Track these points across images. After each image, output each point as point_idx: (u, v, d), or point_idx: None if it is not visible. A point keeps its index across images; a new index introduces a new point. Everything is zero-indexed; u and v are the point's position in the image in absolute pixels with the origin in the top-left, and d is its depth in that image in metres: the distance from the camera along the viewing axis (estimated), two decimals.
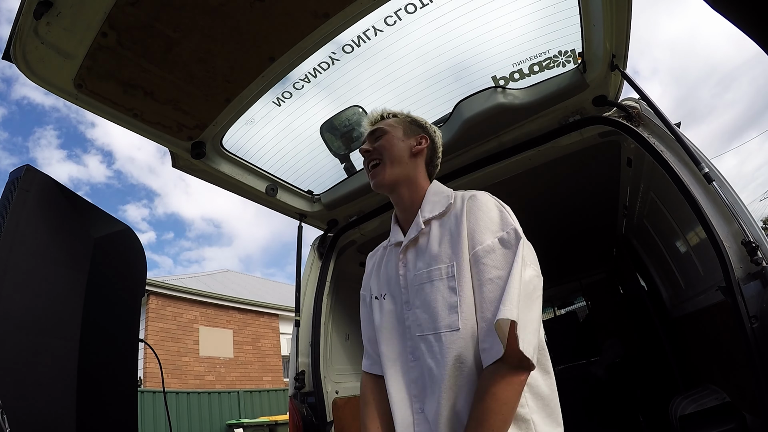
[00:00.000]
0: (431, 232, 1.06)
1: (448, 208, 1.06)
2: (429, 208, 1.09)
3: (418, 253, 1.07)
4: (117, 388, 1.63)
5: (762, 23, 0.53)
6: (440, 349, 0.94)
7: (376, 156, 1.14)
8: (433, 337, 0.96)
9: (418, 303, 1.01)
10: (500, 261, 0.93)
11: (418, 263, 1.05)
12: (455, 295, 0.95)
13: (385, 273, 1.15)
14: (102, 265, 1.56)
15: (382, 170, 1.12)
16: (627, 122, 1.85)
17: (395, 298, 1.09)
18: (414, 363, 1.01)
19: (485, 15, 1.67)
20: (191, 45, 1.50)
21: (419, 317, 1.00)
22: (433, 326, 0.97)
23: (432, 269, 1.00)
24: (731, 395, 2.14)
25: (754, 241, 1.36)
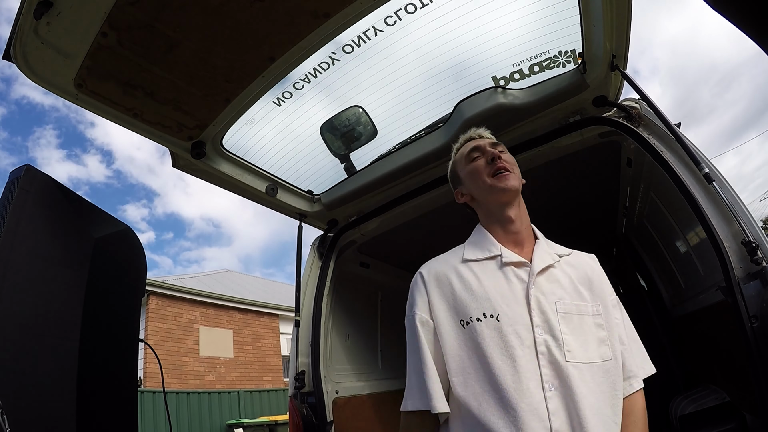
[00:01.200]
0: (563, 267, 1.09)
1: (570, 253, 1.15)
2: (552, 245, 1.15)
3: (551, 281, 1.04)
4: (117, 388, 1.63)
5: (762, 23, 0.53)
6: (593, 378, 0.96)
7: (508, 166, 1.14)
8: (585, 366, 0.96)
9: (567, 330, 0.98)
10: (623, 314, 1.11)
11: (558, 291, 1.03)
12: (603, 330, 1.02)
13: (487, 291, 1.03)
14: (102, 265, 1.56)
15: (514, 177, 1.13)
16: (627, 122, 1.85)
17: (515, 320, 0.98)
18: (553, 392, 0.93)
19: (485, 15, 1.67)
20: (191, 45, 1.50)
21: (570, 344, 0.96)
22: (586, 356, 0.97)
23: (580, 304, 1.03)
24: (731, 395, 2.14)
25: (754, 241, 1.36)
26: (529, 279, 1.02)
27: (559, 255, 1.11)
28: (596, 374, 0.96)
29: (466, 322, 1.01)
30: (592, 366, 0.96)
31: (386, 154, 2.30)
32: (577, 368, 0.94)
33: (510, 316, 0.98)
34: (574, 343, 0.97)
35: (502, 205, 1.13)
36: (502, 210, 1.13)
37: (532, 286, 1.01)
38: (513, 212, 1.13)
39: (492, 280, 1.04)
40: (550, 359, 0.95)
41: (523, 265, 1.05)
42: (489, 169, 1.13)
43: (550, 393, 0.93)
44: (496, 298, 1.01)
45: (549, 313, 0.99)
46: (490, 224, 1.16)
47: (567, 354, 0.95)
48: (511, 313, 0.99)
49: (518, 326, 0.97)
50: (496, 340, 0.97)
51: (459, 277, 1.07)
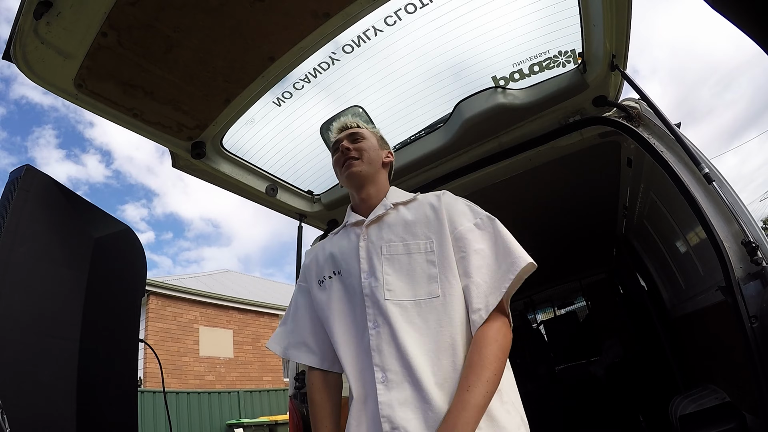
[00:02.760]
0: (399, 212, 1.16)
1: (413, 199, 1.20)
2: (394, 197, 1.22)
3: (383, 228, 1.14)
4: (117, 388, 1.63)
5: (761, 23, 0.53)
6: (419, 313, 1.01)
7: (356, 154, 1.22)
8: (410, 303, 1.02)
9: (390, 271, 1.05)
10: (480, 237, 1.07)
11: (387, 236, 1.11)
12: (435, 267, 1.04)
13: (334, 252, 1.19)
14: (102, 265, 1.56)
15: (359, 165, 1.21)
16: (627, 122, 1.85)
17: (350, 272, 1.12)
18: (375, 330, 1.02)
19: (485, 15, 1.67)
20: (191, 45, 1.50)
21: (391, 283, 1.04)
22: (412, 293, 1.03)
23: (409, 243, 1.08)
24: (731, 395, 2.14)
25: (754, 241, 1.37)
26: (361, 233, 1.15)
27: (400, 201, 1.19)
28: (423, 310, 1.01)
29: (320, 281, 1.19)
30: (418, 303, 1.02)
31: None
32: (398, 305, 1.02)
33: (347, 270, 1.13)
34: (396, 282, 1.04)
35: (354, 187, 1.24)
36: (355, 191, 1.24)
37: (363, 238, 1.14)
38: (363, 192, 1.23)
39: (339, 243, 1.21)
40: (373, 300, 1.04)
41: (360, 223, 1.19)
42: (340, 160, 1.24)
43: (373, 331, 1.02)
44: (338, 257, 1.17)
45: (374, 258, 1.09)
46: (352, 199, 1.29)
47: (387, 293, 1.03)
48: (347, 267, 1.13)
49: (352, 277, 1.11)
50: (340, 292, 1.13)
51: (322, 248, 1.26)
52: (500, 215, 1.17)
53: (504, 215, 3.45)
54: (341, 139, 1.28)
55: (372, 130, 1.32)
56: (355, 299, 1.09)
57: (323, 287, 1.18)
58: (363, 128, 1.30)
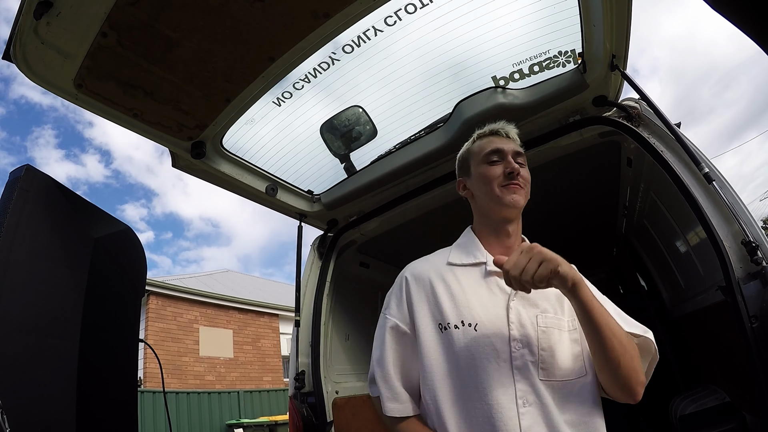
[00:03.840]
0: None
1: None
2: None
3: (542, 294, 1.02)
4: (117, 388, 1.63)
5: (761, 23, 0.53)
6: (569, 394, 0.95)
7: (522, 182, 1.09)
8: (561, 384, 0.95)
9: (545, 346, 0.96)
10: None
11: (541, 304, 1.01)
12: (578, 345, 1.00)
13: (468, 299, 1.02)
14: (102, 265, 1.56)
15: (524, 195, 1.09)
16: (627, 122, 1.85)
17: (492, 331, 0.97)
18: (526, 408, 0.91)
19: (485, 15, 1.67)
20: (191, 45, 1.50)
21: (546, 361, 0.95)
22: (561, 373, 0.95)
23: (560, 318, 1.00)
24: (731, 395, 2.14)
25: (754, 241, 1.37)
26: (511, 291, 1.00)
27: None
28: (573, 390, 0.96)
29: (444, 327, 1.00)
30: (566, 383, 0.95)
31: (386, 154, 2.30)
32: (551, 386, 0.94)
33: (488, 327, 0.97)
34: (550, 359, 0.95)
35: (503, 219, 1.10)
36: (502, 223, 1.10)
37: (514, 298, 1.00)
38: (511, 227, 1.11)
39: (474, 288, 1.03)
40: (525, 374, 0.94)
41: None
42: (503, 180, 1.08)
43: (524, 409, 0.91)
44: (476, 307, 1.00)
45: (528, 327, 0.97)
46: (482, 229, 1.14)
47: (541, 372, 0.94)
48: (490, 324, 0.97)
49: (495, 338, 0.96)
50: (472, 350, 0.96)
51: (442, 281, 1.05)
52: None
53: None
54: (505, 152, 1.10)
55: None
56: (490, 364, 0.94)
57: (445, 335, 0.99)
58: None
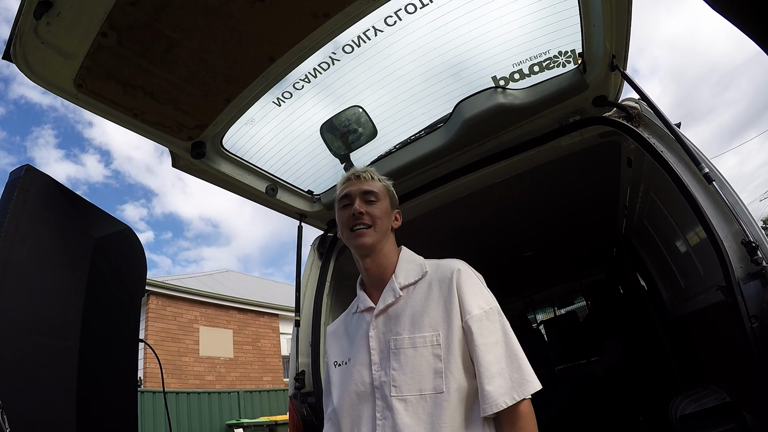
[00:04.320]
0: (408, 299, 1.14)
1: (422, 276, 1.16)
2: (404, 276, 1.17)
3: (392, 318, 1.13)
4: (117, 388, 1.63)
5: (761, 23, 0.53)
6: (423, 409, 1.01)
7: (368, 221, 1.17)
8: (414, 398, 1.02)
9: (396, 366, 1.06)
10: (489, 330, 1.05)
11: (395, 328, 1.11)
12: (440, 362, 1.03)
13: (349, 338, 1.22)
14: (102, 265, 1.56)
15: (371, 234, 1.16)
16: (627, 122, 1.85)
17: (360, 362, 1.13)
18: (382, 422, 1.03)
19: (485, 15, 1.67)
20: (191, 45, 1.50)
21: (397, 379, 1.04)
22: (417, 388, 1.03)
23: (415, 336, 1.07)
24: (731, 395, 2.14)
25: (754, 241, 1.36)
26: (371, 320, 1.15)
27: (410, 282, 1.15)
28: (428, 405, 1.00)
29: (337, 363, 1.22)
30: (423, 398, 1.01)
31: (386, 154, 2.30)
32: (403, 401, 1.02)
33: (356, 359, 1.14)
34: (401, 377, 1.04)
35: (360, 256, 1.21)
36: (360, 258, 1.21)
37: (372, 328, 1.14)
38: (368, 262, 1.19)
39: (352, 328, 1.23)
40: (381, 393, 1.06)
41: (370, 309, 1.18)
42: (350, 222, 1.17)
43: (380, 422, 1.04)
44: (349, 345, 1.19)
45: (384, 351, 1.10)
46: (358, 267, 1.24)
47: (393, 389, 1.04)
48: (358, 356, 1.14)
49: (362, 367, 1.12)
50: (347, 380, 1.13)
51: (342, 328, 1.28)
52: (501, 215, 1.18)
53: (504, 215, 3.45)
54: (353, 194, 1.20)
55: (385, 185, 1.24)
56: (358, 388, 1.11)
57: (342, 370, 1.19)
58: (377, 183, 1.23)
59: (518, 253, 4.23)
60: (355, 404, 1.10)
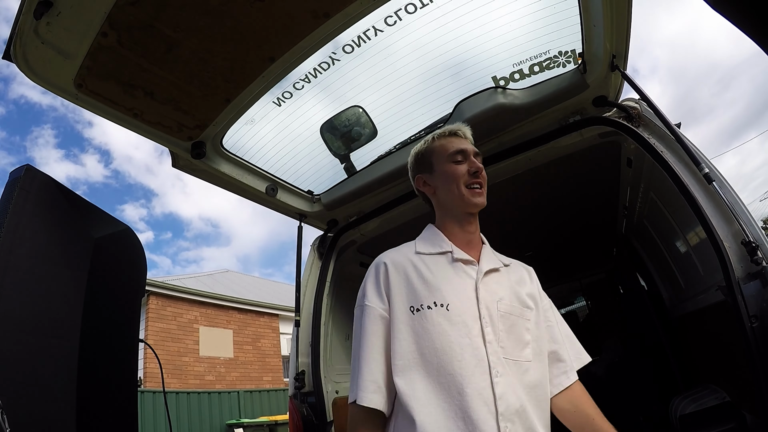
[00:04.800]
0: (508, 272, 1.19)
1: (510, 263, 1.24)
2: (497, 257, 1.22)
3: (498, 282, 1.13)
4: (117, 388, 1.63)
5: (761, 23, 0.53)
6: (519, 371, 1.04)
7: (483, 181, 1.19)
8: (513, 363, 1.04)
9: (503, 328, 1.06)
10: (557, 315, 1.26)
11: (501, 292, 1.11)
12: (529, 335, 1.10)
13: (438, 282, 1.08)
14: (102, 265, 1.56)
15: (485, 195, 1.18)
16: (627, 123, 1.85)
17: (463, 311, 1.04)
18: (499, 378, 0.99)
19: (485, 15, 1.67)
20: (191, 45, 1.50)
21: (503, 340, 1.05)
22: (514, 354, 1.05)
23: (516, 306, 1.11)
24: (731, 395, 2.14)
25: (754, 241, 1.36)
26: (477, 276, 1.10)
27: (503, 262, 1.21)
28: (520, 370, 1.05)
29: (417, 309, 1.05)
30: (518, 363, 1.05)
31: (386, 154, 2.30)
32: (508, 363, 1.03)
33: (459, 307, 1.04)
34: (507, 340, 1.05)
35: (467, 215, 1.19)
36: (466, 217, 1.19)
37: (481, 282, 1.09)
38: (474, 219, 1.20)
39: (443, 273, 1.10)
40: (494, 349, 1.02)
41: (471, 263, 1.13)
42: (468, 179, 1.16)
43: (497, 379, 0.98)
44: (447, 289, 1.07)
45: (492, 309, 1.07)
46: (446, 222, 1.21)
47: (501, 350, 1.03)
48: (461, 304, 1.05)
49: (467, 317, 1.04)
50: (446, 327, 1.02)
51: (414, 267, 1.12)
52: (501, 215, 1.19)
53: (504, 215, 3.45)
54: (469, 152, 1.19)
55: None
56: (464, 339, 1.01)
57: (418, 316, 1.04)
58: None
59: (518, 253, 4.23)
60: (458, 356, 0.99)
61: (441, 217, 1.23)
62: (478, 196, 1.16)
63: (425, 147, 1.25)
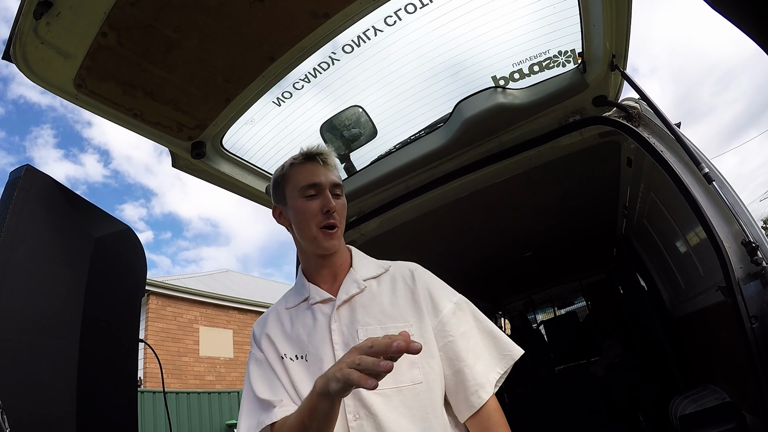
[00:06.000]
0: (372, 290, 1.09)
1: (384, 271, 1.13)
2: (363, 270, 1.13)
3: (357, 309, 1.06)
4: (117, 388, 1.63)
5: (761, 23, 0.53)
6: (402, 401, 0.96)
7: (337, 221, 1.10)
8: (392, 391, 0.96)
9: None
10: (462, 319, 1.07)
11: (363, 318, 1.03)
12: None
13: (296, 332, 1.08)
14: (102, 265, 1.56)
15: (340, 235, 1.12)
16: (627, 122, 1.85)
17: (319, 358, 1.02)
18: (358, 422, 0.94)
19: (485, 15, 1.67)
20: (191, 45, 1.50)
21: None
22: (393, 380, 0.95)
23: (388, 326, 1.01)
24: (731, 395, 2.14)
25: (754, 242, 1.36)
26: (331, 313, 1.06)
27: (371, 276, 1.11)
28: (407, 398, 0.96)
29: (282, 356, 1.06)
30: (401, 390, 0.96)
31: (386, 154, 2.30)
32: (382, 395, 0.95)
33: (316, 355, 1.02)
34: None
35: (322, 258, 1.13)
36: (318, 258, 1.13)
37: (335, 320, 1.05)
38: (326, 260, 1.13)
39: (302, 322, 1.09)
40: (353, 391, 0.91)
41: (328, 300, 1.09)
42: (320, 219, 1.08)
43: (354, 423, 0.94)
44: (304, 340, 1.06)
45: (351, 343, 0.99)
46: (307, 258, 1.16)
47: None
48: (317, 351, 1.03)
49: (324, 363, 1.00)
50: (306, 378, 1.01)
51: (279, 323, 1.13)
52: (501, 215, 1.18)
53: (504, 215, 3.45)
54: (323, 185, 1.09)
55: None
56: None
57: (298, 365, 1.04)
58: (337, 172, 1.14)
59: (518, 253, 4.24)
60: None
61: (300, 254, 1.18)
62: (330, 238, 1.07)
63: (280, 174, 1.17)
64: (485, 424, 0.99)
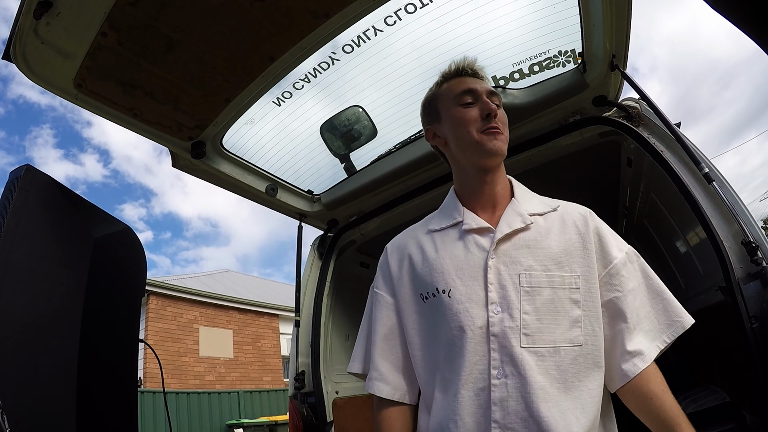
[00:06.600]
0: (539, 229, 0.93)
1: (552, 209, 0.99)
2: (528, 204, 0.98)
3: (521, 247, 0.90)
4: (117, 388, 1.63)
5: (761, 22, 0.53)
6: (557, 364, 0.82)
7: (500, 126, 0.96)
8: (547, 351, 0.83)
9: (529, 308, 0.84)
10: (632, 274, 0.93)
11: (525, 260, 0.88)
12: (579, 308, 0.86)
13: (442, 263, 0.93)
14: (102, 265, 1.56)
15: (504, 139, 0.96)
16: (627, 122, 1.85)
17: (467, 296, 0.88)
18: (500, 381, 0.81)
19: (485, 15, 1.67)
20: (191, 45, 1.50)
21: (530, 326, 0.83)
22: (551, 338, 0.83)
23: (553, 274, 0.87)
24: (731, 395, 2.14)
25: (754, 241, 1.36)
26: (490, 247, 0.90)
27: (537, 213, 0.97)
28: (564, 360, 0.83)
29: (425, 297, 0.93)
30: (557, 351, 0.83)
31: (386, 154, 2.30)
32: (535, 354, 0.82)
33: (462, 292, 0.88)
34: (536, 324, 0.84)
35: (482, 169, 0.98)
36: (480, 173, 0.99)
37: (492, 256, 0.89)
38: (489, 177, 0.98)
39: (449, 251, 0.94)
40: (503, 343, 0.83)
41: (486, 231, 0.93)
42: (480, 124, 0.95)
43: (497, 381, 0.82)
44: (450, 272, 0.91)
45: (509, 287, 0.86)
46: (463, 180, 1.03)
47: (523, 338, 0.83)
48: (464, 288, 0.88)
49: (470, 303, 0.87)
50: (447, 317, 0.88)
51: (420, 249, 0.99)
52: None
53: None
54: (479, 92, 0.98)
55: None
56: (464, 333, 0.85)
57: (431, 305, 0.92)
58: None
59: None
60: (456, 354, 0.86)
61: (457, 174, 1.05)
62: (495, 138, 0.93)
63: (431, 93, 1.09)
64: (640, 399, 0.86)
